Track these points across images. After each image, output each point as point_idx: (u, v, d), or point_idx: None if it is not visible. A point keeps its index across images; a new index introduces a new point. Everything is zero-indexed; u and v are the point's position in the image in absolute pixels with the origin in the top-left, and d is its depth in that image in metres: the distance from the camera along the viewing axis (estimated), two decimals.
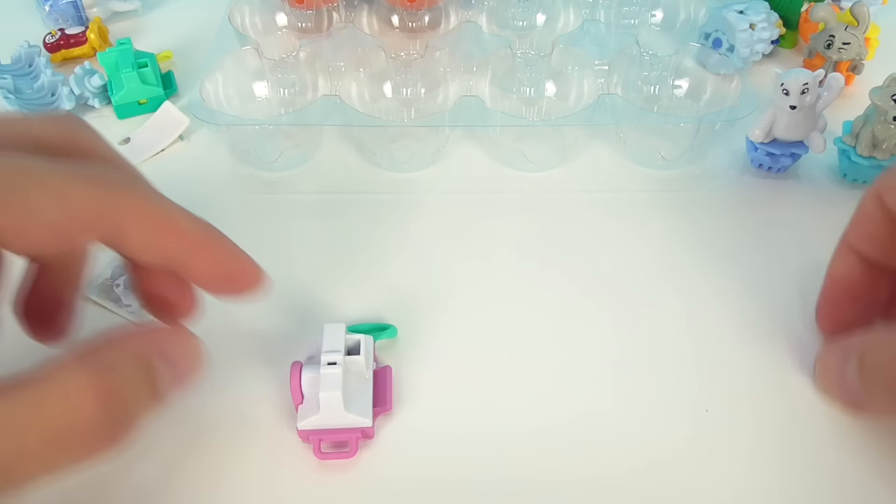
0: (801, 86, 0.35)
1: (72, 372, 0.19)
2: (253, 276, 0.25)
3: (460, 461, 0.27)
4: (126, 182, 0.22)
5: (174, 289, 0.25)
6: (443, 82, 0.42)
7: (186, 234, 0.23)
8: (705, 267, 0.34)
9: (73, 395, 0.19)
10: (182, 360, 0.23)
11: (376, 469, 0.27)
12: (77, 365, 0.20)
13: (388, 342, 0.31)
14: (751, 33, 0.45)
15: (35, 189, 0.19)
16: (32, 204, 0.19)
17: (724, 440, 0.27)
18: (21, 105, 0.41)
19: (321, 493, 0.26)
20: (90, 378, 0.19)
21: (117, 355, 0.21)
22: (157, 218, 0.22)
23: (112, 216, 0.21)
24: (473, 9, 0.48)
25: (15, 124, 0.23)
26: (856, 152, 0.37)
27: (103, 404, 0.19)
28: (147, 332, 0.23)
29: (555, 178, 0.39)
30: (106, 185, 0.21)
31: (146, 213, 0.22)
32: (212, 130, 0.41)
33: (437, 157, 0.40)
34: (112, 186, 0.21)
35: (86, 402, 0.19)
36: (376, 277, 0.34)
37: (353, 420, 0.26)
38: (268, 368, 0.29)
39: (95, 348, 0.21)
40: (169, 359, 0.22)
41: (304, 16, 0.48)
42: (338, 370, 0.26)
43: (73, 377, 0.19)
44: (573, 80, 0.42)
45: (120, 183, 0.22)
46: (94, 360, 0.20)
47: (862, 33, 0.43)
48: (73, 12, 0.50)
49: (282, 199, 0.38)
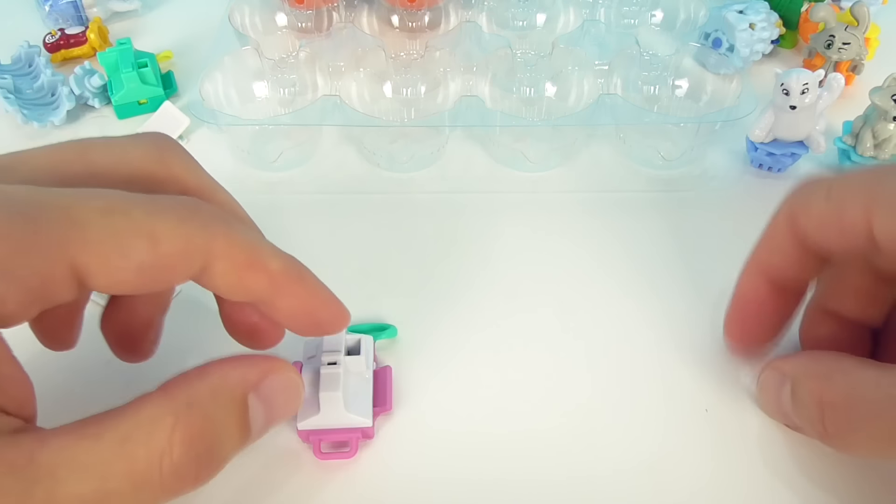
0: (802, 86, 0.35)
1: (157, 409, 0.19)
2: (338, 318, 0.24)
3: (460, 461, 0.27)
4: (215, 217, 0.21)
5: (261, 319, 0.24)
6: (443, 82, 0.42)
7: (273, 273, 0.21)
8: (705, 267, 0.34)
9: (158, 436, 0.18)
10: (278, 398, 0.22)
11: (376, 469, 0.27)
12: (163, 402, 0.19)
13: (388, 342, 0.31)
14: (751, 33, 0.45)
15: (124, 230, 0.19)
16: (121, 246, 0.19)
17: (724, 440, 0.27)
18: (21, 105, 0.41)
19: (321, 493, 0.26)
20: (176, 418, 0.19)
21: (207, 392, 0.20)
22: (244, 256, 0.21)
23: (199, 255, 0.20)
24: (473, 9, 0.48)
25: (108, 150, 0.22)
26: (856, 152, 0.37)
27: (189, 446, 0.19)
28: (243, 366, 0.21)
29: (555, 178, 0.39)
30: (196, 220, 0.20)
31: (232, 251, 0.21)
32: (212, 130, 0.41)
33: (437, 157, 0.40)
34: (202, 222, 0.20)
35: (171, 444, 0.18)
36: (376, 277, 0.34)
37: (353, 420, 0.26)
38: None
39: (185, 382, 0.20)
40: (264, 397, 0.21)
41: (304, 16, 0.48)
42: (338, 370, 0.26)
43: (158, 416, 0.19)
44: (573, 80, 0.42)
45: (209, 218, 0.21)
46: (181, 398, 0.19)
47: (862, 33, 0.43)
48: (72, 12, 0.50)
49: (282, 199, 0.38)
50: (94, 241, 0.19)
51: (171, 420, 0.19)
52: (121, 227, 0.19)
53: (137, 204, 0.20)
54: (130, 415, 0.19)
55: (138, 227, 0.19)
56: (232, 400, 0.20)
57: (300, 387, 0.23)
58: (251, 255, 0.21)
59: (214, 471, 0.20)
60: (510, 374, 0.30)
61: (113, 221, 0.19)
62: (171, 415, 0.19)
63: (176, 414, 0.19)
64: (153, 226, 0.19)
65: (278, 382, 0.22)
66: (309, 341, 0.28)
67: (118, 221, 0.19)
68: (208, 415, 0.20)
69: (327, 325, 0.24)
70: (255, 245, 0.21)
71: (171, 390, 0.20)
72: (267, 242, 0.22)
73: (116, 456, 0.18)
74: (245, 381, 0.21)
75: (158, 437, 0.18)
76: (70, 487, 0.17)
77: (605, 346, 0.31)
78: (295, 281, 0.22)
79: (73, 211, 0.19)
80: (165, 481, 0.18)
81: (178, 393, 0.20)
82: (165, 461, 0.18)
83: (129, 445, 0.18)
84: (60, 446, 0.18)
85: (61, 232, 0.18)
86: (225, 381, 0.21)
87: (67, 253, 0.18)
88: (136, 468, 0.18)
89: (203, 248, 0.20)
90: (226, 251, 0.21)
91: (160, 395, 0.19)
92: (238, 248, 0.21)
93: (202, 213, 0.21)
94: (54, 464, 0.17)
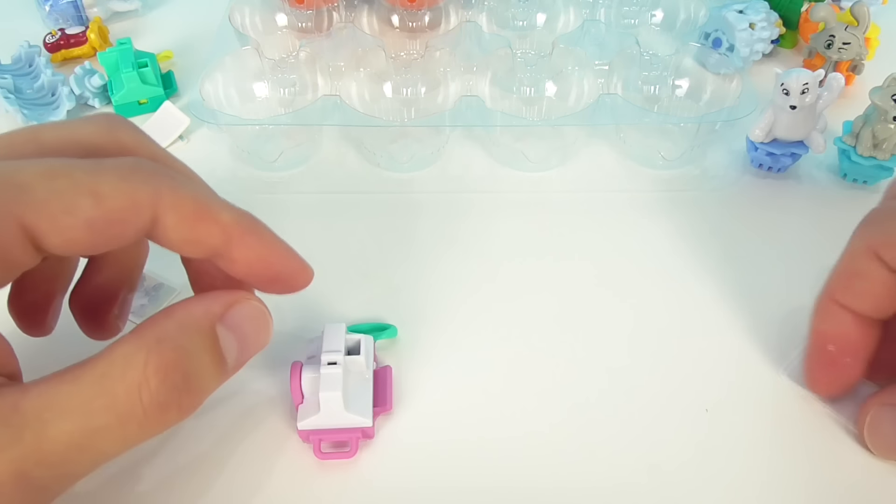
0: (802, 86, 0.35)
1: (129, 347, 0.20)
2: (298, 271, 0.24)
3: (460, 461, 0.27)
4: (158, 172, 0.21)
5: (225, 279, 0.24)
6: (443, 82, 0.42)
7: (224, 224, 0.22)
8: (705, 266, 0.34)
9: (132, 370, 0.19)
10: (246, 326, 0.23)
11: (376, 469, 0.27)
12: (134, 341, 0.20)
13: (388, 342, 0.31)
14: (751, 33, 0.45)
15: (68, 189, 0.20)
16: (66, 204, 0.20)
17: (725, 440, 0.27)
18: (21, 105, 0.41)
19: (321, 493, 0.26)
20: (147, 352, 0.20)
21: (174, 327, 0.21)
22: (192, 207, 0.21)
23: (146, 207, 0.21)
24: (473, 9, 0.48)
25: (58, 129, 0.23)
26: (856, 152, 0.37)
27: (164, 376, 0.20)
28: (207, 300, 0.22)
29: (555, 178, 0.39)
30: (138, 176, 0.21)
31: (180, 202, 0.21)
32: (212, 130, 0.41)
33: (437, 157, 0.40)
34: (144, 177, 0.21)
35: (146, 376, 0.19)
36: (376, 277, 0.34)
37: (353, 420, 0.26)
38: (268, 368, 0.29)
39: (153, 322, 0.21)
40: (232, 326, 0.22)
41: (304, 16, 0.48)
42: (338, 370, 0.26)
43: (130, 353, 0.20)
44: (573, 80, 0.42)
45: (153, 173, 0.21)
46: (150, 335, 0.20)
47: (862, 33, 0.43)
48: (73, 12, 0.50)
49: (282, 199, 0.38)
50: (39, 201, 0.19)
51: (143, 355, 0.20)
52: (64, 187, 0.20)
53: (79, 167, 0.20)
54: (104, 356, 0.20)
55: (81, 186, 0.20)
56: (199, 330, 0.21)
57: (267, 314, 0.23)
58: (200, 206, 0.22)
59: (195, 399, 0.21)
60: (510, 374, 0.30)
61: (56, 183, 0.20)
62: (143, 350, 0.20)
63: (147, 349, 0.20)
64: (96, 184, 0.20)
65: (244, 311, 0.23)
66: (310, 342, 0.28)
67: (61, 182, 0.20)
68: (178, 346, 0.20)
69: (288, 278, 0.24)
70: (204, 197, 0.22)
71: (139, 331, 0.21)
72: (218, 198, 0.23)
73: (96, 394, 0.19)
74: (210, 313, 0.22)
75: (133, 371, 0.19)
76: (57, 428, 0.18)
77: (605, 345, 0.31)
78: (248, 232, 0.23)
79: (17, 176, 0.19)
80: (148, 412, 0.19)
81: (147, 332, 0.21)
82: (144, 393, 0.19)
83: (106, 382, 0.19)
84: (42, 392, 0.19)
85: (7, 196, 0.19)
86: (190, 314, 0.21)
87: (15, 215, 0.19)
88: (117, 402, 0.19)
89: (149, 202, 0.21)
90: (173, 203, 0.21)
91: (130, 336, 0.20)
92: (186, 200, 0.21)
93: (144, 170, 0.21)
94: (38, 408, 0.18)
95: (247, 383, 0.29)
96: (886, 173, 0.38)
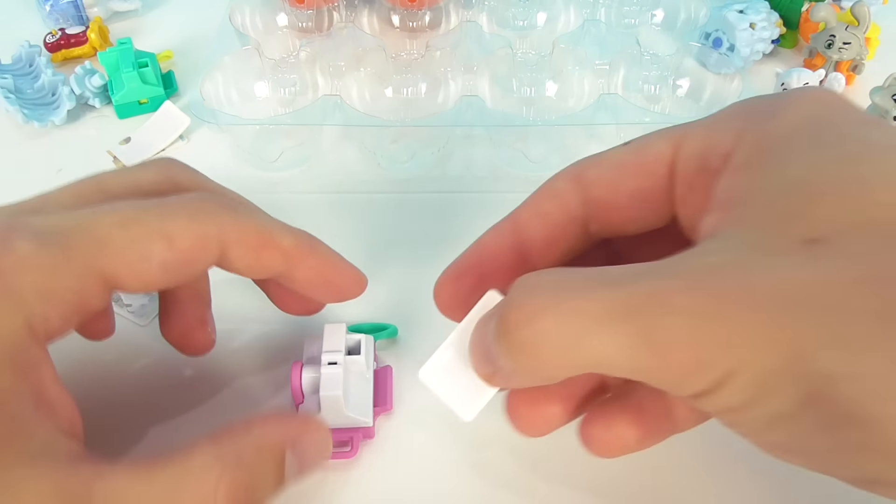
0: (802, 85, 0.35)
1: (205, 459, 0.20)
2: (354, 282, 0.26)
3: (461, 460, 0.27)
4: (222, 207, 0.23)
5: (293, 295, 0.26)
6: (443, 82, 0.42)
7: (285, 249, 0.24)
8: None
9: (205, 485, 0.20)
10: (311, 453, 0.24)
11: (377, 468, 0.27)
12: (212, 452, 0.21)
13: (388, 342, 0.31)
14: (751, 33, 0.45)
15: (142, 236, 0.21)
16: (142, 251, 0.21)
17: (724, 440, 0.27)
18: (21, 105, 0.41)
19: (322, 491, 0.26)
20: (223, 469, 0.20)
21: (252, 447, 0.21)
22: (255, 237, 0.23)
23: (213, 243, 0.22)
24: (474, 8, 0.48)
25: (120, 176, 0.25)
26: None
27: (232, 497, 0.20)
28: (284, 424, 0.23)
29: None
30: (204, 213, 0.22)
31: (244, 235, 0.23)
32: (212, 130, 0.41)
33: (437, 157, 0.40)
34: (210, 214, 0.23)
35: (216, 494, 0.20)
36: (376, 277, 0.33)
37: (353, 420, 0.26)
38: (268, 368, 0.29)
39: (233, 435, 0.21)
40: (299, 451, 0.23)
41: (304, 15, 0.48)
42: (338, 370, 0.26)
43: (206, 466, 0.20)
44: (573, 80, 0.42)
45: (217, 209, 0.23)
46: (229, 450, 0.21)
47: (862, 33, 0.43)
48: (73, 12, 0.50)
49: (282, 199, 0.38)
50: (118, 252, 0.21)
51: (218, 471, 0.20)
52: (139, 235, 0.21)
53: (149, 210, 0.22)
54: (181, 461, 0.20)
55: (154, 232, 0.21)
56: (273, 456, 0.22)
57: (330, 444, 0.24)
58: (262, 235, 0.23)
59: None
60: None
61: (131, 232, 0.21)
62: (219, 465, 0.20)
63: (223, 466, 0.20)
64: (167, 227, 0.22)
65: (313, 440, 0.24)
66: (311, 342, 0.28)
67: (135, 231, 0.21)
68: (252, 469, 0.21)
69: (346, 289, 0.26)
70: (265, 226, 0.24)
71: (219, 441, 0.21)
72: (277, 222, 0.25)
73: (165, 500, 0.19)
74: (285, 439, 0.23)
75: (205, 486, 0.20)
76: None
77: None
78: (308, 253, 0.24)
79: (96, 230, 0.21)
80: None
81: (226, 444, 0.21)
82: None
83: (177, 491, 0.19)
84: (115, 483, 0.19)
85: (88, 251, 0.21)
86: (268, 437, 0.22)
87: (96, 268, 0.21)
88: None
89: (216, 238, 0.22)
90: (238, 236, 0.23)
91: (209, 444, 0.21)
92: (249, 232, 0.23)
93: (210, 206, 0.23)
94: (107, 499, 0.19)
95: (247, 383, 0.29)
96: None
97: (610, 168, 0.22)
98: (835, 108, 0.19)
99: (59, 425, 0.20)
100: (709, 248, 0.18)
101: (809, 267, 0.15)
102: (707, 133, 0.20)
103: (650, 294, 0.17)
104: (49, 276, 0.20)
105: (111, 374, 0.29)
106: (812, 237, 0.16)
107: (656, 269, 0.17)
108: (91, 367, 0.29)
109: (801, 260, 0.16)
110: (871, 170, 0.17)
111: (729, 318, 0.16)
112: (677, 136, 0.21)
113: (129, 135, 0.41)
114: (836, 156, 0.17)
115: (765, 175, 0.18)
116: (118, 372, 0.29)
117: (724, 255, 0.17)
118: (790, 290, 0.15)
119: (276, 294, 0.28)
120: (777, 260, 0.16)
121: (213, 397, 0.29)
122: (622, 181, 0.22)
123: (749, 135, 0.19)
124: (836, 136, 0.18)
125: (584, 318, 0.17)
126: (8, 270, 0.20)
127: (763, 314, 0.16)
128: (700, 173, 0.20)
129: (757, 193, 0.18)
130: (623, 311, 0.17)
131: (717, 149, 0.20)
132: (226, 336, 0.30)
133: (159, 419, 0.28)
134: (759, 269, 0.16)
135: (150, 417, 0.28)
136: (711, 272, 0.16)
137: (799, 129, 0.18)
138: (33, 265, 0.20)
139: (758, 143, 0.19)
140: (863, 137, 0.18)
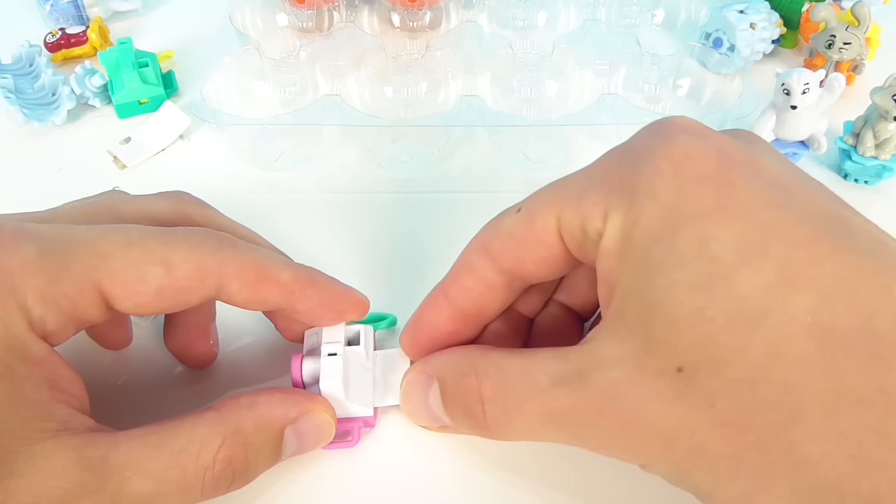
0: (802, 86, 0.35)
1: (209, 429, 0.22)
2: (356, 306, 0.27)
3: (461, 449, 0.27)
4: (223, 241, 0.24)
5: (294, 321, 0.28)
6: (443, 82, 0.42)
7: (284, 283, 0.25)
8: None
9: (206, 454, 0.22)
10: (311, 433, 0.25)
11: (378, 457, 0.27)
12: (215, 423, 0.23)
13: (387, 332, 0.31)
14: (751, 33, 0.45)
15: (142, 259, 0.22)
16: (140, 273, 0.22)
17: None
18: (22, 104, 0.41)
19: (323, 480, 0.26)
20: (223, 441, 0.22)
21: (251, 423, 0.23)
22: (253, 273, 0.24)
23: (212, 276, 0.23)
24: (474, 8, 0.48)
25: (134, 203, 0.26)
26: (857, 152, 0.37)
27: (229, 466, 0.22)
28: (287, 403, 0.24)
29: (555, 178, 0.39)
30: (205, 247, 0.23)
31: (242, 270, 0.24)
32: (213, 130, 0.41)
33: (437, 157, 0.40)
34: (211, 249, 0.23)
35: (215, 462, 0.22)
36: (376, 277, 0.34)
37: (354, 409, 0.26)
38: (269, 360, 0.29)
39: (237, 408, 0.23)
40: (299, 431, 0.24)
41: (304, 15, 0.48)
42: (338, 360, 0.26)
43: (209, 437, 0.22)
44: (573, 80, 0.42)
45: (219, 243, 0.24)
46: (230, 423, 0.23)
47: (863, 33, 0.43)
48: (73, 12, 0.50)
49: (282, 198, 0.38)
50: (116, 269, 0.22)
51: (218, 443, 0.22)
52: (139, 257, 0.22)
53: (154, 236, 0.23)
54: (187, 430, 0.22)
55: (154, 256, 0.22)
56: (272, 432, 0.24)
57: (332, 426, 0.26)
58: (260, 270, 0.24)
59: (243, 484, 0.23)
60: None
61: (132, 253, 0.22)
62: (219, 438, 0.22)
63: (223, 438, 0.22)
64: (168, 255, 0.23)
65: (314, 421, 0.25)
66: (310, 332, 0.28)
67: (137, 252, 0.22)
68: (250, 443, 0.23)
69: (349, 314, 0.27)
70: (264, 262, 0.24)
71: (223, 412, 0.23)
72: (278, 257, 0.25)
73: (172, 465, 0.21)
74: (286, 417, 0.24)
75: (206, 456, 0.22)
76: (134, 487, 0.21)
77: None
78: (307, 286, 0.25)
79: (99, 245, 0.22)
80: (205, 489, 0.22)
81: (229, 416, 0.23)
82: (208, 474, 0.22)
83: (182, 458, 0.21)
84: (129, 450, 0.21)
85: (89, 263, 0.22)
86: (269, 414, 0.24)
87: (94, 281, 0.22)
88: (186, 477, 0.21)
89: (215, 272, 0.23)
90: (236, 271, 0.24)
91: (213, 415, 0.23)
92: (247, 267, 0.24)
93: (211, 241, 0.24)
94: (123, 465, 0.21)
95: (248, 375, 0.29)
96: (888, 173, 0.37)
97: (509, 241, 0.24)
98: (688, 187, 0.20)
99: (74, 405, 0.22)
100: (608, 354, 0.20)
101: (679, 404, 0.19)
102: (579, 208, 0.22)
103: (577, 412, 0.21)
104: (48, 280, 0.21)
105: (111, 374, 0.29)
106: (678, 366, 0.19)
107: (581, 377, 0.21)
108: (91, 367, 0.29)
109: (674, 392, 0.19)
110: (714, 304, 0.18)
111: (633, 442, 0.20)
112: (557, 206, 0.23)
113: (129, 135, 0.41)
114: (688, 283, 0.19)
115: (632, 285, 0.20)
116: (118, 372, 0.29)
117: (620, 370, 0.20)
118: (668, 431, 0.19)
119: (281, 323, 0.28)
120: (657, 385, 0.19)
121: (212, 390, 0.29)
122: (523, 253, 0.24)
123: (613, 222, 0.21)
124: (688, 249, 0.19)
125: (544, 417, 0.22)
126: (15, 270, 0.21)
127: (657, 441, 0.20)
128: (584, 240, 0.22)
129: (629, 301, 0.20)
130: (563, 416, 0.21)
131: (591, 226, 0.21)
132: (227, 329, 0.30)
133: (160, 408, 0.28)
134: (648, 397, 0.19)
135: (151, 406, 0.28)
136: (616, 398, 0.20)
137: (655, 238, 0.20)
138: (35, 268, 0.21)
139: (622, 240, 0.20)
140: (710, 251, 0.19)
